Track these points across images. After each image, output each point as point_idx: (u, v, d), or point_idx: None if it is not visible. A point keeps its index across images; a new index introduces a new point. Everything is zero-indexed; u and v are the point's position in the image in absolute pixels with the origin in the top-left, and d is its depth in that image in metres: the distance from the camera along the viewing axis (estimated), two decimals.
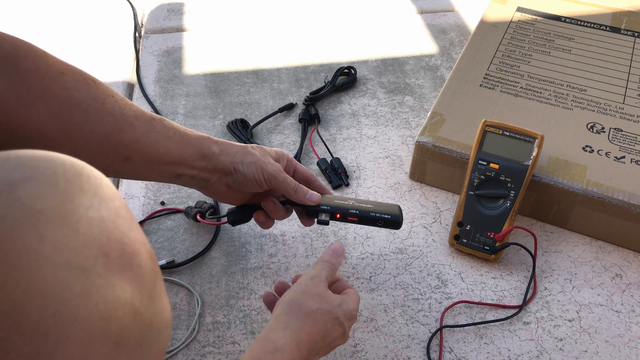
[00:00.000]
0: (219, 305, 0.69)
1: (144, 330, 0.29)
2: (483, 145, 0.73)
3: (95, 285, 0.26)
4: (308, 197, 0.63)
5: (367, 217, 0.63)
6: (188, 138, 0.59)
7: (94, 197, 0.28)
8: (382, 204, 0.67)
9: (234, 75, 1.05)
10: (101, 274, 0.26)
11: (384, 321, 0.67)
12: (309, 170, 0.68)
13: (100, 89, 0.54)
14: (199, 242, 0.76)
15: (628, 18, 0.99)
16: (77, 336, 0.25)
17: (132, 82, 1.05)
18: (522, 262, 0.73)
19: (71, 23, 1.19)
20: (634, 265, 0.73)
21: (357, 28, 1.17)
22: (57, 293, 0.24)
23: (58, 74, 0.51)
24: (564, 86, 0.86)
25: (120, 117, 0.54)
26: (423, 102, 0.98)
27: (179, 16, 1.21)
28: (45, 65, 0.50)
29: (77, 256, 0.26)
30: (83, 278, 0.25)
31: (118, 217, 0.29)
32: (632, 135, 0.78)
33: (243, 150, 0.62)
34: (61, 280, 0.25)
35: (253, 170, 0.61)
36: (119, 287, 0.27)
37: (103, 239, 0.27)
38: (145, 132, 0.56)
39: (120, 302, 0.27)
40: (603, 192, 0.72)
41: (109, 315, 0.26)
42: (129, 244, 0.29)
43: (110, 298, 0.26)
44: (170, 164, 0.59)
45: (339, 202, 0.65)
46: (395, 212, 0.65)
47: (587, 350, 0.65)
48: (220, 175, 0.62)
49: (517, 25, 0.98)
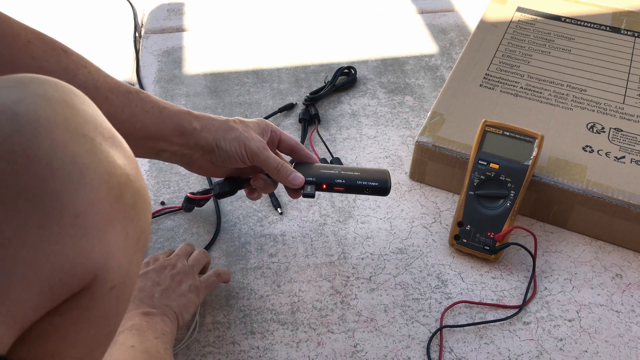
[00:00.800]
0: (219, 305, 0.69)
1: (135, 195, 0.35)
2: (483, 145, 0.73)
3: (98, 148, 0.32)
4: (291, 179, 0.61)
5: (353, 186, 0.62)
6: (167, 112, 0.57)
7: (84, 100, 0.34)
8: (369, 170, 0.64)
9: (234, 75, 1.05)
10: (101, 142, 0.33)
11: (384, 321, 0.67)
12: (294, 139, 0.66)
13: (73, 59, 0.51)
14: (199, 242, 0.76)
15: (628, 18, 0.99)
16: (91, 180, 0.31)
17: (132, 82, 1.05)
18: (522, 262, 0.73)
19: (71, 23, 1.19)
20: (634, 265, 0.73)
21: (357, 28, 1.17)
22: (72, 147, 0.31)
23: (25, 42, 0.49)
24: (564, 86, 0.86)
25: (94, 90, 0.52)
26: (423, 102, 0.98)
27: (179, 16, 1.21)
28: (12, 33, 0.48)
29: (82, 127, 0.32)
30: (89, 142, 0.32)
31: (104, 119, 0.35)
32: (632, 135, 0.78)
33: (225, 125, 0.60)
34: (73, 140, 0.31)
35: (235, 147, 0.59)
36: (114, 154, 0.33)
37: (97, 123, 0.34)
38: (121, 106, 0.53)
39: (117, 165, 0.33)
40: (603, 192, 0.72)
41: (110, 172, 0.32)
42: (117, 135, 0.35)
43: (110, 159, 0.33)
44: (148, 139, 0.57)
45: (325, 172, 0.63)
46: (382, 177, 0.63)
47: (587, 350, 0.65)
48: (202, 152, 0.60)
49: (517, 25, 0.98)
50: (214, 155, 0.60)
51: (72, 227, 0.30)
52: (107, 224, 0.32)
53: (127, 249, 0.34)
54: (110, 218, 0.32)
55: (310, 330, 0.66)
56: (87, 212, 0.31)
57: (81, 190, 0.30)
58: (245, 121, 0.62)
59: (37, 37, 0.50)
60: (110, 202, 0.32)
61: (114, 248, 0.33)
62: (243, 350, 0.65)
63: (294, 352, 0.64)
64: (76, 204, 0.30)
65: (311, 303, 0.69)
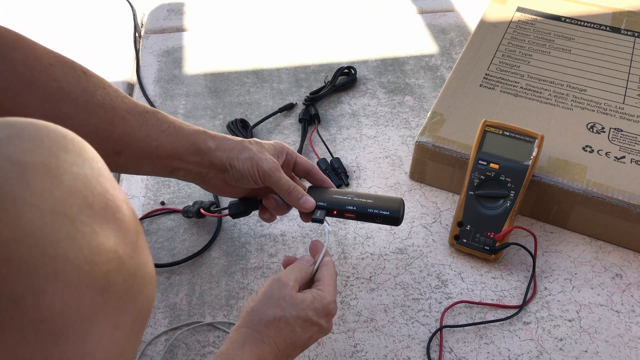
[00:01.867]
0: (219, 305, 0.69)
1: (128, 280, 0.30)
2: (483, 145, 0.73)
3: (80, 232, 0.27)
4: (301, 203, 0.61)
5: (364, 214, 0.61)
6: (183, 132, 0.58)
7: (77, 157, 0.30)
8: (383, 198, 0.64)
9: (234, 75, 1.05)
10: (85, 221, 0.28)
11: (384, 321, 0.67)
12: (310, 162, 0.66)
13: (92, 80, 0.52)
14: (199, 242, 0.76)
15: (628, 18, 0.99)
16: (65, 275, 0.26)
17: (132, 82, 1.05)
18: (522, 262, 0.73)
19: (71, 23, 1.19)
20: (634, 265, 0.73)
21: (357, 28, 1.17)
22: (45, 235, 0.26)
23: (47, 65, 0.50)
24: (564, 86, 0.86)
25: (111, 110, 0.53)
26: (423, 102, 0.98)
27: (179, 16, 1.21)
28: (34, 56, 0.49)
29: (63, 204, 0.27)
30: (68, 224, 0.27)
31: (101, 176, 0.30)
32: (632, 135, 0.78)
33: (239, 145, 0.60)
34: (48, 224, 0.26)
35: (248, 167, 0.59)
36: (103, 235, 0.28)
37: (87, 192, 0.29)
38: (137, 126, 0.54)
39: (104, 248, 0.28)
40: (603, 192, 0.72)
41: (94, 260, 0.27)
42: (112, 199, 0.30)
43: (94, 244, 0.28)
44: (164, 158, 0.57)
45: (337, 198, 0.63)
46: (394, 207, 0.62)
47: (587, 350, 0.65)
48: (216, 171, 0.61)
49: (517, 25, 0.98)
50: (227, 174, 0.61)
51: (37, 334, 0.25)
52: (87, 321, 0.27)
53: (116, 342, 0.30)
54: (91, 314, 0.28)
55: None
56: (57, 315, 0.26)
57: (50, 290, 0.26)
58: (260, 142, 0.62)
59: (58, 60, 0.51)
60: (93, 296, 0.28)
61: (97, 346, 0.28)
62: None
63: None
64: (42, 307, 0.25)
65: None
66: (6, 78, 0.48)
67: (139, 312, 0.32)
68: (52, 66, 0.50)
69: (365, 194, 0.65)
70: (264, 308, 0.51)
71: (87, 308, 0.27)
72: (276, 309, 0.51)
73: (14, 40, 0.49)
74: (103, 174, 0.31)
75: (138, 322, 0.32)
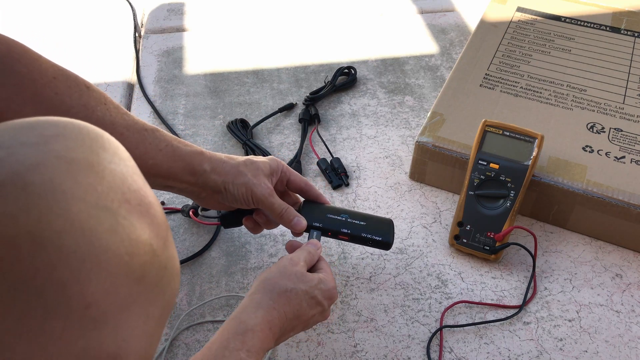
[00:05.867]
0: (219, 305, 0.69)
1: (160, 271, 0.32)
2: (483, 145, 0.73)
3: (121, 224, 0.29)
4: (293, 224, 0.63)
5: (358, 237, 0.65)
6: (180, 152, 0.59)
7: (114, 155, 0.31)
8: (375, 220, 0.67)
9: (234, 75, 1.05)
10: (125, 215, 0.29)
11: (384, 321, 0.67)
12: (303, 179, 0.67)
13: (93, 95, 0.54)
14: (199, 242, 0.76)
15: (628, 18, 0.99)
16: (108, 265, 0.28)
17: (132, 82, 1.05)
18: (522, 262, 0.73)
19: (71, 23, 1.19)
20: (634, 265, 0.73)
21: (357, 28, 1.17)
22: (91, 227, 0.27)
23: (50, 78, 0.51)
24: (564, 86, 0.86)
25: (110, 126, 0.54)
26: (423, 102, 0.98)
27: (179, 16, 1.21)
28: (38, 69, 0.51)
29: (105, 198, 0.29)
30: (110, 217, 0.29)
31: (135, 174, 0.32)
32: (632, 135, 0.78)
33: (234, 170, 0.61)
34: (93, 217, 0.28)
35: (242, 192, 0.61)
36: (140, 229, 0.30)
37: (124, 188, 0.30)
38: (135, 143, 0.56)
39: (141, 241, 0.30)
40: (603, 192, 0.72)
41: (132, 252, 0.29)
42: (145, 196, 0.32)
43: (133, 236, 0.29)
44: (158, 177, 0.59)
45: (331, 218, 0.65)
46: (387, 231, 0.65)
47: (587, 350, 0.65)
48: (210, 192, 0.62)
49: (517, 25, 0.98)
50: (221, 195, 0.62)
51: (80, 320, 0.27)
52: (124, 309, 0.29)
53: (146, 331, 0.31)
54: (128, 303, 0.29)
55: (310, 330, 0.66)
56: (99, 302, 0.28)
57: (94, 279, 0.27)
58: (256, 162, 0.63)
59: (62, 74, 0.52)
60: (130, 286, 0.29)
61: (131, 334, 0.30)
62: None
63: (294, 352, 0.64)
64: (86, 295, 0.27)
65: None
66: (10, 90, 0.49)
67: (166, 303, 0.33)
68: (56, 79, 0.52)
69: (358, 213, 0.67)
70: (277, 279, 0.55)
71: (124, 297, 0.29)
72: (288, 281, 0.55)
73: (20, 53, 0.50)
74: (136, 172, 0.33)
75: (165, 314, 0.34)
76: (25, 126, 0.30)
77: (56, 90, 0.51)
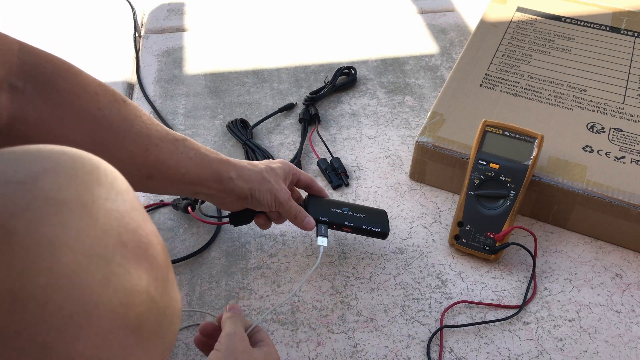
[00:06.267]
0: (219, 306, 0.69)
1: (158, 318, 0.30)
2: (483, 145, 0.73)
3: (115, 273, 0.27)
4: (305, 224, 0.67)
5: (359, 228, 0.70)
6: (207, 159, 0.61)
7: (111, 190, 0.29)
8: (372, 211, 0.72)
9: (234, 75, 1.05)
10: (120, 262, 0.27)
11: (384, 321, 0.67)
12: (309, 176, 0.72)
13: (130, 109, 0.55)
14: (199, 241, 0.76)
15: (628, 18, 0.99)
16: (99, 320, 0.26)
17: (132, 82, 1.05)
18: (522, 262, 0.73)
19: (71, 23, 1.19)
20: (634, 265, 0.73)
21: (357, 28, 1.17)
22: (80, 279, 0.25)
23: (93, 94, 0.53)
24: (564, 86, 0.86)
25: (147, 138, 0.56)
26: (423, 102, 0.98)
27: (179, 16, 1.21)
28: (82, 85, 0.52)
29: (98, 245, 0.26)
30: (103, 266, 0.26)
31: (133, 210, 0.30)
32: (632, 135, 0.78)
33: (259, 177, 0.65)
34: (83, 268, 0.25)
35: (267, 197, 0.65)
36: (137, 276, 0.28)
37: (121, 229, 0.28)
38: (169, 153, 0.58)
39: (137, 290, 0.28)
40: (603, 192, 0.72)
41: (128, 302, 0.27)
42: (144, 234, 0.30)
43: (128, 286, 0.27)
44: (189, 184, 0.61)
45: (335, 212, 0.70)
46: (383, 222, 0.71)
47: (587, 350, 0.65)
48: (236, 197, 0.65)
49: (517, 25, 0.98)
50: (246, 201, 0.66)
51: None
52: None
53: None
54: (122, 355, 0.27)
55: (310, 330, 0.66)
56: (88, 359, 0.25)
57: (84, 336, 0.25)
58: (274, 169, 0.67)
59: (102, 89, 0.54)
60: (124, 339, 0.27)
61: None
62: None
63: (294, 352, 0.64)
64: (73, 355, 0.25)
65: (311, 303, 0.69)
66: (56, 107, 0.50)
67: (166, 347, 0.32)
68: (97, 95, 0.53)
69: (356, 206, 0.73)
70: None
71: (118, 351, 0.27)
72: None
73: (64, 70, 0.52)
74: (135, 206, 0.30)
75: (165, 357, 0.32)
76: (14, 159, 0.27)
77: (99, 105, 0.53)
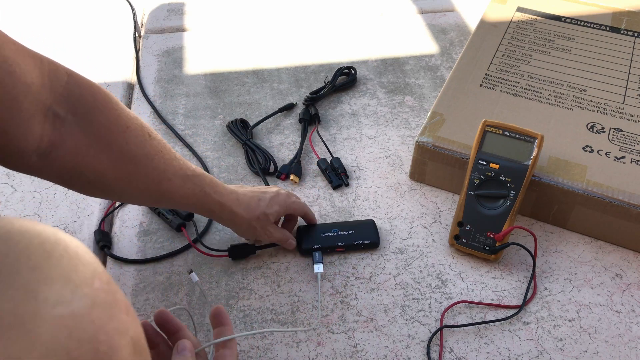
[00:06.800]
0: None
1: None
2: (483, 145, 0.73)
3: None
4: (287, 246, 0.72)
5: (351, 245, 0.74)
6: (207, 200, 0.64)
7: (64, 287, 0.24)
8: (360, 225, 0.75)
9: (234, 75, 1.05)
10: None
11: (384, 321, 0.67)
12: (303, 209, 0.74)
13: (153, 144, 0.58)
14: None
15: (628, 18, 0.99)
16: None
17: (132, 82, 1.05)
18: (522, 262, 0.73)
19: (71, 23, 1.19)
20: (634, 265, 0.73)
21: (357, 28, 1.17)
22: None
23: (124, 128, 0.55)
24: (564, 86, 0.86)
25: (162, 173, 0.59)
26: (423, 102, 0.98)
27: (179, 16, 1.21)
28: (115, 118, 0.55)
29: None
30: None
31: (94, 306, 0.25)
32: (632, 135, 0.78)
33: (247, 225, 0.68)
34: None
35: (253, 240, 0.74)
36: None
37: (71, 344, 0.23)
38: (178, 188, 0.61)
39: None
40: (603, 192, 0.72)
41: None
42: (105, 340, 0.25)
43: None
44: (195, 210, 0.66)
45: (326, 236, 0.74)
46: (372, 233, 0.75)
47: (587, 350, 0.65)
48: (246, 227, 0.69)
49: (517, 25, 0.98)
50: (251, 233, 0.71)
51: None
52: None
53: None
54: None
55: (310, 330, 0.66)
56: None
57: None
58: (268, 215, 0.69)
59: (133, 123, 0.56)
60: None
61: None
62: (243, 350, 0.65)
63: (294, 352, 0.64)
64: None
65: (311, 303, 0.69)
66: (90, 139, 0.53)
67: None
68: (128, 129, 0.56)
69: (344, 223, 0.76)
70: None
71: None
72: None
73: (103, 102, 0.54)
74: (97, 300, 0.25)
75: None
76: None
77: (127, 139, 0.55)
